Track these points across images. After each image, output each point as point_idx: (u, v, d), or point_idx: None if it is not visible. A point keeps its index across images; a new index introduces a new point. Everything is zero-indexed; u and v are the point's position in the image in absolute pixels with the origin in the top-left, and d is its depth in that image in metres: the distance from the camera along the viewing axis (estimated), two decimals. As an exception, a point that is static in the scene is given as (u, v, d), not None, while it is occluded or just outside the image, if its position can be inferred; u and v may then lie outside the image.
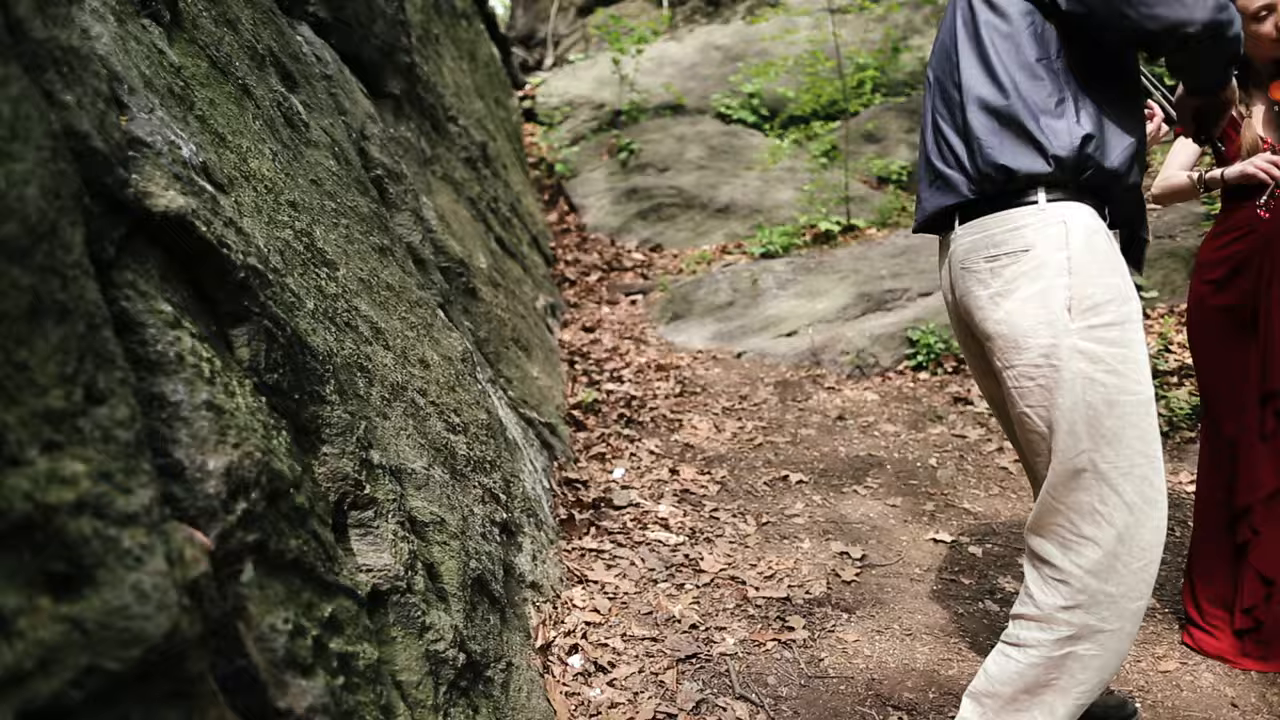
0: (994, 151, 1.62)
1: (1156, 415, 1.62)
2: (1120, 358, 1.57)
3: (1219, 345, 2.34)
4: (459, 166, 5.13)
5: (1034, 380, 1.60)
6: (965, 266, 1.71)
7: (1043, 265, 1.59)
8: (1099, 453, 1.56)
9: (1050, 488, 1.61)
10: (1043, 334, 1.58)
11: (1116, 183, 1.64)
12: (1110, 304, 1.57)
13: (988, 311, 1.66)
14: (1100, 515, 1.56)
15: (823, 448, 3.87)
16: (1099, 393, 1.55)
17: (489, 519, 2.24)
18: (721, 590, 2.62)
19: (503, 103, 9.09)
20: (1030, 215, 1.61)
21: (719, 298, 5.76)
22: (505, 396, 3.36)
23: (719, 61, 10.25)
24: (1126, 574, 1.57)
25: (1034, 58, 1.61)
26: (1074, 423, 1.56)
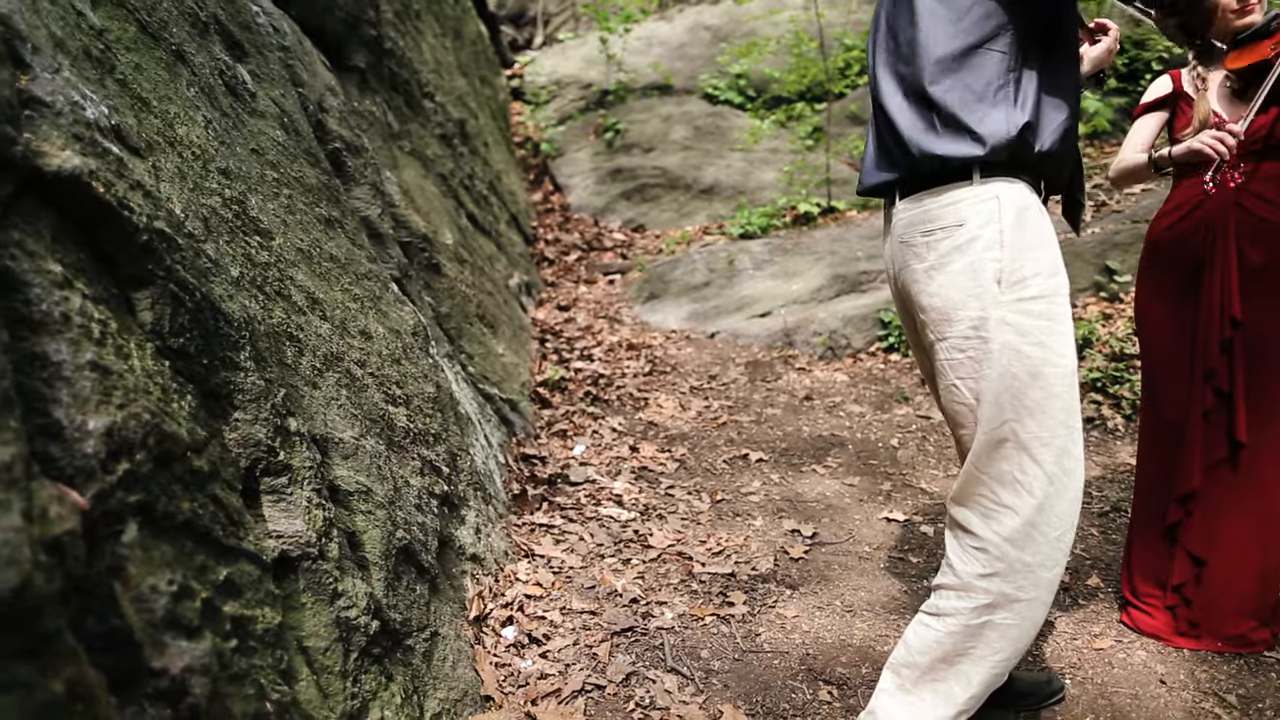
0: (927, 143, 1.61)
1: (1078, 388, 1.63)
2: (1047, 330, 1.58)
3: (1164, 325, 2.34)
4: (432, 143, 5.10)
5: (964, 352, 1.61)
6: (904, 241, 1.72)
7: (975, 239, 1.59)
8: (1021, 423, 1.57)
9: (974, 457, 1.62)
10: (972, 306, 1.59)
11: (1051, 159, 1.64)
12: (1038, 278, 1.58)
13: (923, 285, 1.67)
14: (1020, 484, 1.58)
15: (786, 427, 3.87)
16: (1024, 364, 1.56)
17: (427, 491, 2.24)
18: (668, 566, 2.63)
19: (489, 81, 9.03)
20: (965, 191, 1.61)
21: (695, 278, 5.75)
22: (463, 372, 3.36)
23: (708, 41, 10.18)
24: (1044, 543, 1.58)
25: (971, 42, 1.59)
26: (999, 394, 1.57)
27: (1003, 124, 1.56)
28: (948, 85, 1.59)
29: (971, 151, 1.57)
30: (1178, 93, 2.37)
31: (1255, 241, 2.16)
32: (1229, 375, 2.20)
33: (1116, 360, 4.17)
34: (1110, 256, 5.05)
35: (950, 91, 1.59)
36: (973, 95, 1.57)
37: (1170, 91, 2.38)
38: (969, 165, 1.59)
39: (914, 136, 1.63)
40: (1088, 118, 6.50)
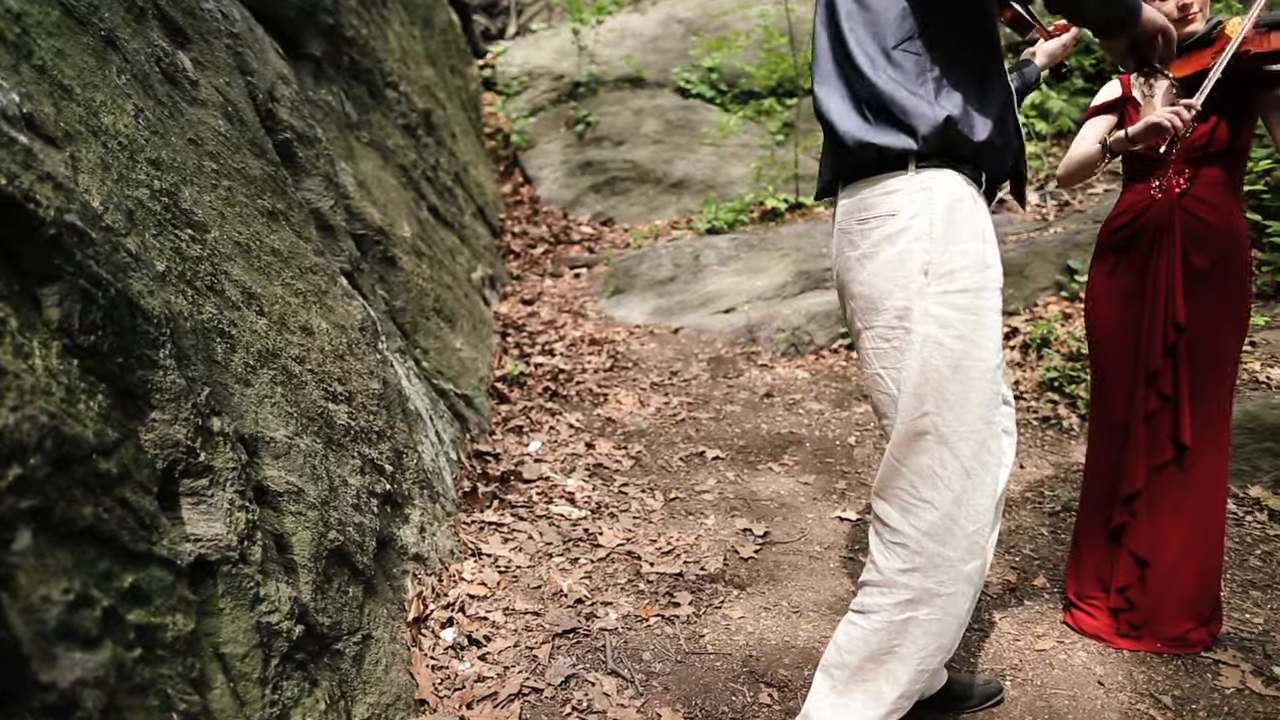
0: (862, 134, 1.62)
1: (999, 382, 1.63)
2: (971, 325, 1.58)
3: (1112, 328, 2.35)
4: (395, 133, 5.03)
5: (888, 342, 1.61)
6: (841, 229, 1.72)
7: (905, 229, 1.59)
8: (941, 416, 1.57)
9: (894, 448, 1.62)
10: (898, 296, 1.59)
11: (985, 149, 1.63)
12: (966, 270, 1.58)
13: (854, 272, 1.67)
14: (939, 478, 1.58)
15: (745, 424, 3.86)
16: (946, 357, 1.56)
17: (367, 490, 2.20)
18: (616, 565, 2.61)
19: (459, 71, 8.93)
20: (900, 180, 1.61)
21: (661, 273, 5.72)
22: (416, 367, 3.31)
23: (680, 34, 10.13)
24: (962, 537, 1.59)
25: (896, 38, 1.59)
26: (919, 385, 1.57)
27: (928, 117, 1.55)
28: (875, 83, 1.58)
29: (904, 143, 1.57)
30: (1126, 97, 2.38)
31: (1198, 245, 2.17)
32: (1173, 379, 2.21)
33: (1074, 360, 4.20)
34: (1071, 256, 5.08)
35: (878, 89, 1.58)
36: (898, 93, 1.57)
37: (1119, 96, 2.40)
38: (905, 156, 1.59)
39: (850, 130, 1.63)
40: (1053, 118, 6.54)
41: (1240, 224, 2.21)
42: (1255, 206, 4.78)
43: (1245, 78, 2.09)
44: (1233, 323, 2.20)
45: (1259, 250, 4.81)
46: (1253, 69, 2.07)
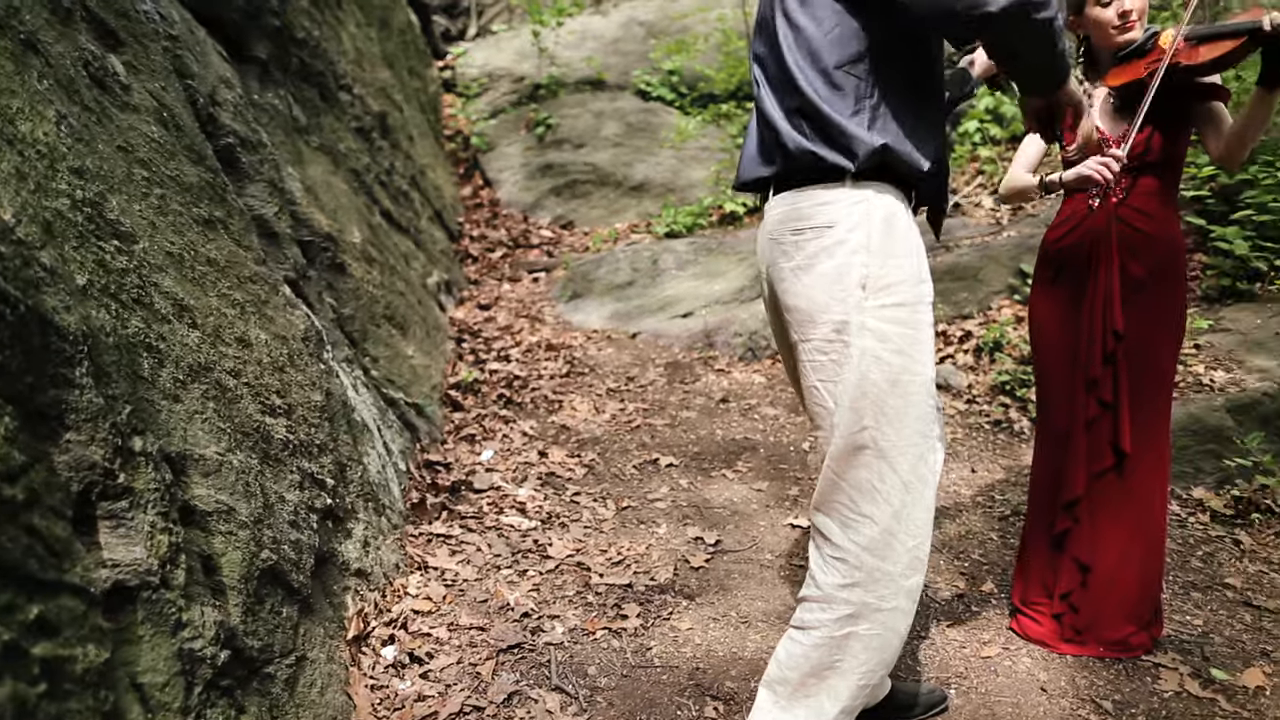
0: (802, 143, 1.61)
1: (935, 396, 1.64)
2: (909, 339, 1.58)
3: (1053, 335, 2.37)
4: (347, 136, 4.95)
5: (825, 355, 1.61)
6: (774, 238, 1.70)
7: (842, 242, 1.58)
8: (880, 430, 1.57)
9: (832, 462, 1.61)
10: (836, 310, 1.58)
11: (918, 174, 1.64)
12: (903, 285, 1.59)
13: (789, 284, 1.66)
14: (879, 492, 1.58)
15: (700, 430, 3.85)
16: (884, 371, 1.56)
17: (306, 506, 2.15)
18: (565, 577, 2.58)
19: (418, 72, 8.84)
20: (837, 193, 1.60)
21: (619, 277, 5.70)
22: (365, 376, 3.26)
23: (641, 37, 10.12)
24: (902, 551, 1.59)
25: (835, 62, 1.58)
26: (858, 399, 1.57)
27: (864, 142, 1.56)
28: (815, 102, 1.58)
29: (841, 161, 1.57)
30: None
31: (1135, 254, 2.19)
32: (1113, 386, 2.23)
33: (1026, 363, 4.25)
34: (1024, 260, 5.14)
35: (817, 107, 1.57)
36: (836, 114, 1.56)
37: None
38: (842, 171, 1.58)
39: (790, 137, 1.63)
40: (1006, 122, 6.63)
41: (1176, 233, 2.24)
42: (1199, 211, 4.87)
43: (1179, 90, 2.12)
44: (1170, 330, 2.23)
45: (1204, 254, 4.90)
46: (1185, 81, 2.10)
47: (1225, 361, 3.98)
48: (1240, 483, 3.39)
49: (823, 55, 1.58)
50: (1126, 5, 2.14)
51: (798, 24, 1.61)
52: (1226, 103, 2.19)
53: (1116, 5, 2.16)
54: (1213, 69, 2.05)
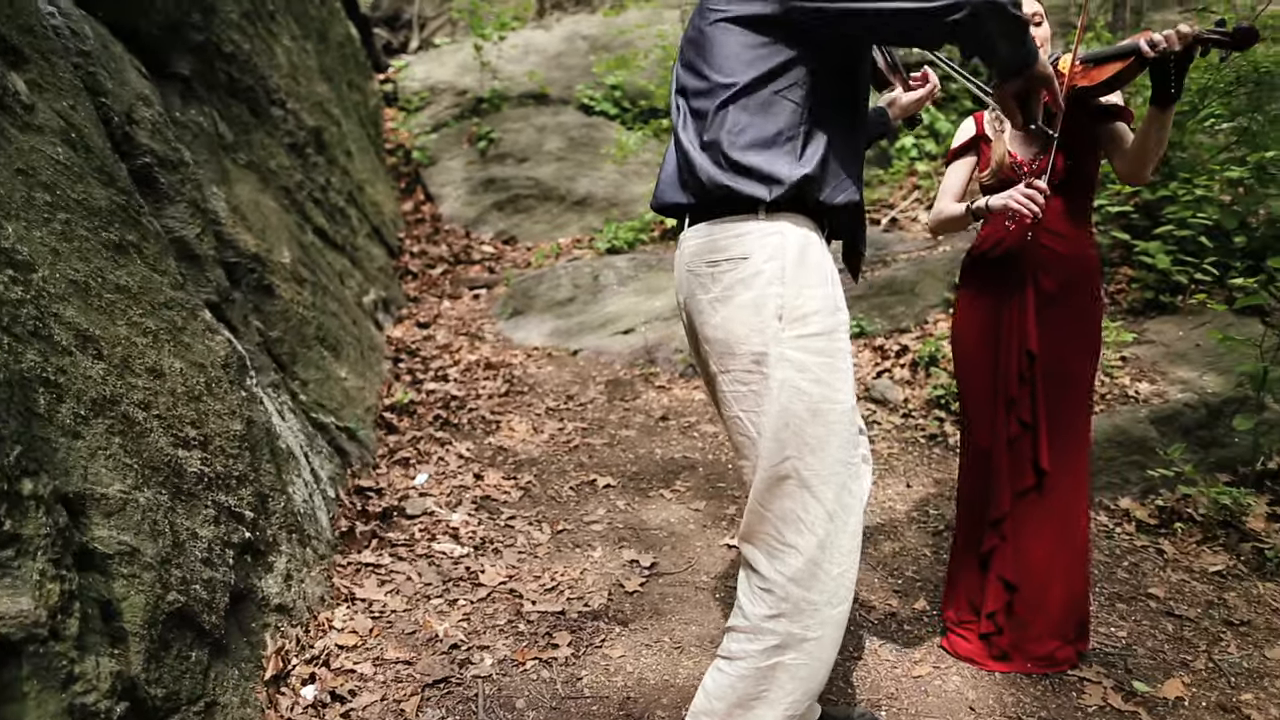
0: (715, 175, 1.60)
1: (856, 423, 1.64)
2: (827, 368, 1.58)
3: (974, 355, 2.40)
4: (279, 153, 4.85)
5: (746, 385, 1.60)
6: (691, 270, 1.69)
7: (759, 273, 1.58)
8: (803, 460, 1.57)
9: (756, 494, 1.60)
10: (755, 341, 1.58)
11: (834, 208, 1.64)
12: (819, 314, 1.59)
13: (707, 315, 1.65)
14: (803, 522, 1.57)
15: (639, 449, 3.84)
16: (804, 401, 1.56)
17: (221, 541, 2.08)
18: (496, 605, 2.54)
19: (358, 86, 8.72)
20: (751, 224, 1.60)
21: (560, 293, 5.67)
22: (292, 402, 3.17)
23: (585, 51, 10.13)
24: (828, 580, 1.59)
25: (769, 90, 1.57)
26: (779, 429, 1.56)
27: (785, 171, 1.55)
28: (735, 129, 1.57)
29: (756, 192, 1.57)
30: (980, 135, 2.44)
31: (1049, 273, 2.24)
32: (1031, 405, 2.27)
33: (959, 377, 4.31)
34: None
35: (738, 135, 1.57)
36: (759, 142, 1.56)
37: (973, 135, 2.46)
38: (756, 202, 1.57)
39: (704, 168, 1.61)
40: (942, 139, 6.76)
41: (1089, 252, 2.29)
42: (1124, 226, 5.01)
43: (1085, 112, 2.17)
44: (1086, 349, 2.28)
45: (1129, 268, 5.05)
46: (1087, 103, 2.15)
47: (1149, 373, 4.09)
48: (1164, 492, 3.48)
49: (751, 83, 1.57)
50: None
51: (725, 48, 1.60)
52: (1129, 123, 2.25)
53: (1039, 32, 2.21)
54: (1106, 89, 2.10)
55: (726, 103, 1.59)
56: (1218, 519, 3.26)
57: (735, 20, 1.59)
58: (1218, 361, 3.99)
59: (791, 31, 1.55)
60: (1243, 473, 3.59)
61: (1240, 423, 3.43)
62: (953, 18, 1.40)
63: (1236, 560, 3.04)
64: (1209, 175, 4.76)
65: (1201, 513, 3.31)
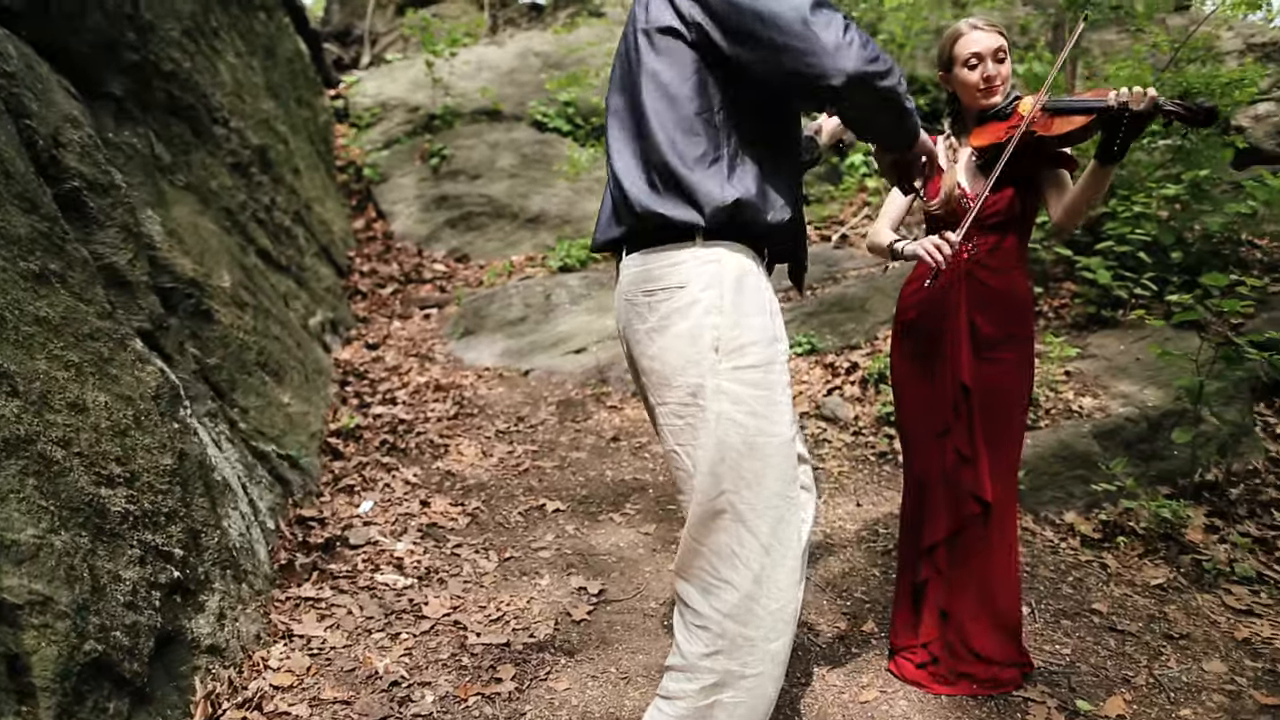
0: (649, 201, 1.58)
1: (794, 456, 1.63)
2: (764, 400, 1.56)
3: (911, 385, 2.42)
4: (221, 173, 4.75)
5: (682, 419, 1.58)
6: (628, 299, 1.67)
7: (695, 303, 1.56)
8: (738, 494, 1.55)
9: (691, 528, 1.59)
10: (690, 372, 1.56)
11: (771, 231, 1.63)
12: (756, 345, 1.57)
13: (644, 346, 1.63)
14: (738, 557, 1.55)
15: (590, 472, 3.80)
16: (740, 434, 1.54)
17: (147, 582, 2.00)
18: (440, 638, 2.48)
19: (308, 102, 8.60)
20: (688, 252, 1.58)
21: (511, 313, 5.63)
22: (231, 430, 3.09)
23: (538, 68, 10.12)
24: (765, 615, 1.56)
25: (693, 111, 1.56)
26: (715, 463, 1.54)
27: (717, 194, 1.54)
28: (667, 151, 1.55)
29: (690, 217, 1.55)
30: None
31: (984, 308, 2.26)
32: (969, 437, 2.28)
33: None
34: (907, 291, 5.30)
35: (669, 157, 1.55)
36: (688, 164, 1.54)
37: None
38: (691, 229, 1.56)
39: (638, 195, 1.59)
40: (890, 156, 6.84)
41: (1023, 287, 2.32)
42: (1068, 242, 5.11)
43: (1034, 154, 2.20)
44: (1019, 381, 2.31)
45: (1072, 283, 5.15)
46: (1040, 149, 2.18)
47: (1092, 388, 4.16)
48: (1107, 506, 3.53)
49: (681, 103, 1.56)
50: (990, 71, 2.21)
51: (655, 71, 1.59)
52: (1073, 172, 2.29)
53: (981, 70, 2.23)
54: (1064, 142, 2.13)
55: (655, 122, 1.57)
56: (1158, 532, 3.32)
57: (661, 37, 1.58)
58: (1157, 375, 4.07)
59: (708, 55, 1.55)
60: (1182, 485, 3.66)
61: (1179, 436, 3.50)
62: (828, 84, 1.41)
63: (1177, 573, 3.09)
64: (1147, 192, 4.88)
65: (1143, 526, 3.37)
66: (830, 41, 1.39)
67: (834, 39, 1.39)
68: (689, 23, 1.54)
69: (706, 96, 1.57)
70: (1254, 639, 2.65)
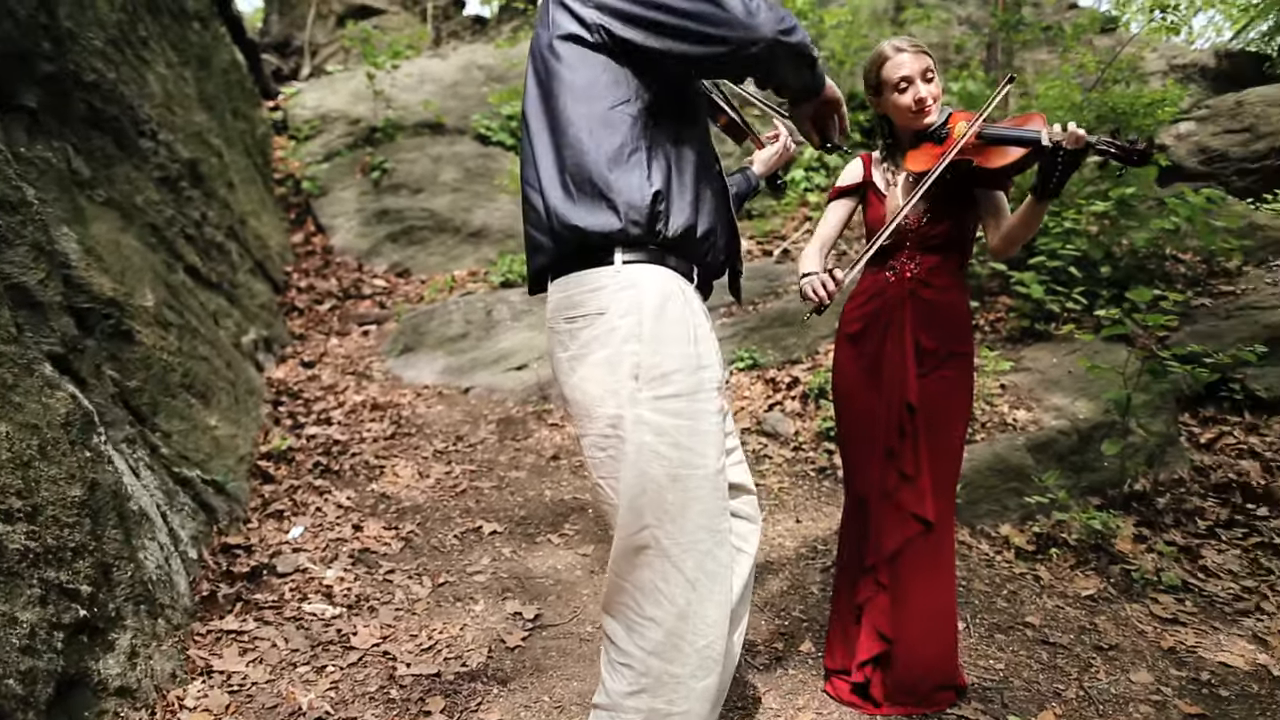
0: (567, 212, 1.53)
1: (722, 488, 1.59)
2: (687, 430, 1.53)
3: (853, 400, 2.42)
4: (148, 187, 4.61)
5: (603, 450, 1.54)
6: (551, 327, 1.63)
7: (614, 330, 1.52)
8: (661, 528, 1.51)
9: (615, 564, 1.55)
10: (610, 403, 1.52)
11: (695, 237, 1.60)
12: (679, 374, 1.53)
13: (565, 375, 1.59)
14: (662, 593, 1.52)
15: (529, 491, 3.75)
16: (662, 466, 1.50)
17: (49, 623, 1.90)
18: (368, 670, 2.41)
19: (245, 114, 8.42)
20: (607, 277, 1.54)
21: (452, 329, 5.55)
22: (151, 456, 2.97)
23: (481, 81, 10.06)
24: (691, 652, 1.53)
25: (607, 105, 1.53)
26: (635, 496, 1.50)
27: (636, 190, 1.50)
28: (586, 148, 1.52)
29: (609, 223, 1.50)
30: (868, 182, 2.45)
31: (927, 326, 2.27)
32: (914, 457, 2.29)
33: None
34: (847, 305, 5.34)
35: (588, 154, 1.51)
36: (606, 160, 1.51)
37: (861, 180, 2.46)
38: (610, 243, 1.52)
39: (556, 206, 1.54)
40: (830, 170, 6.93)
41: (963, 305, 2.34)
42: (1002, 257, 5.21)
43: (970, 180, 2.22)
44: (961, 400, 2.32)
45: (1007, 297, 5.25)
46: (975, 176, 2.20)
47: (1026, 400, 4.23)
48: (1040, 518, 3.59)
49: (596, 99, 1.53)
50: (921, 93, 2.22)
51: (568, 78, 1.55)
52: (1008, 193, 2.32)
53: (912, 93, 2.24)
54: (1001, 174, 2.15)
55: (572, 123, 1.54)
56: (1089, 543, 3.38)
57: (568, 45, 1.55)
58: (1088, 388, 4.16)
59: (616, 52, 1.53)
60: (1112, 495, 3.74)
61: (1108, 447, 3.58)
62: (749, 52, 1.45)
63: (1107, 583, 3.15)
64: (1077, 209, 5.00)
65: (1075, 537, 3.43)
66: (740, 12, 1.42)
67: (742, 9, 1.42)
68: (591, 26, 1.52)
69: (620, 90, 1.54)
70: (1179, 648, 2.71)
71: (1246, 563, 3.29)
